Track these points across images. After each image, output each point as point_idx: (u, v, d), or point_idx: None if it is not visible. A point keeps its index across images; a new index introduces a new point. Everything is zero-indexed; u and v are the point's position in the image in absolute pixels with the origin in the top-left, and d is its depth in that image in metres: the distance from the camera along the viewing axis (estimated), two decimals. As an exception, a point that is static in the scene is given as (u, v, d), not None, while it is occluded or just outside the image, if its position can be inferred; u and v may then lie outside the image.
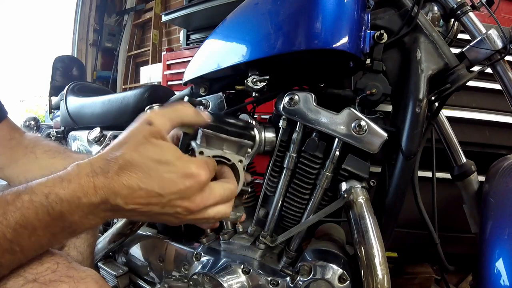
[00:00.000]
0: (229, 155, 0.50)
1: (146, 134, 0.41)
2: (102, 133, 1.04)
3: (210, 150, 0.49)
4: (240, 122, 0.51)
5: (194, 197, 0.41)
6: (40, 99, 5.74)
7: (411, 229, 1.12)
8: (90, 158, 0.40)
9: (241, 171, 0.52)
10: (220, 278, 0.68)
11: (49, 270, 0.40)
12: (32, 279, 0.38)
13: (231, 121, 0.49)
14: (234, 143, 0.51)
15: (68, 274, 0.40)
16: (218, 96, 0.74)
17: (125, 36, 4.27)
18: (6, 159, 0.66)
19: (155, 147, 0.40)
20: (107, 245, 0.87)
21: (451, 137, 0.80)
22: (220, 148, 0.50)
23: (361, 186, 0.63)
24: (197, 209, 0.42)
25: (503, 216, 0.63)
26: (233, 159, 0.51)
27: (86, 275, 0.42)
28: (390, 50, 0.66)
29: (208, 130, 0.48)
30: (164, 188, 0.39)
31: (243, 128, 0.50)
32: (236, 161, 0.51)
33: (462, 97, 1.21)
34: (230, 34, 0.71)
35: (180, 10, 2.43)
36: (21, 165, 0.66)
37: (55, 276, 0.39)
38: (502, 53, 0.63)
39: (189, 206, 0.42)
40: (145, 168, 0.39)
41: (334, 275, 0.62)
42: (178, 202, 0.41)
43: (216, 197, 0.44)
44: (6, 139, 0.67)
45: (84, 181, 0.38)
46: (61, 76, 1.54)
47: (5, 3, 4.98)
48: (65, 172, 0.39)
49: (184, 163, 0.41)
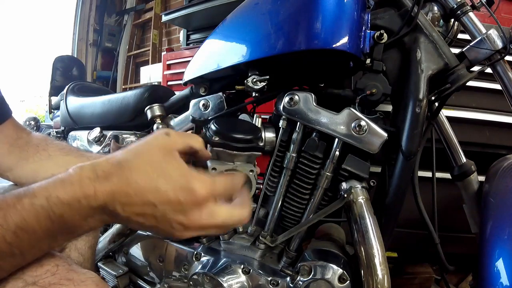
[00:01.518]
0: (240, 167, 0.53)
1: (161, 143, 0.41)
2: (102, 133, 1.03)
3: (222, 165, 0.50)
4: (248, 135, 0.52)
5: (190, 214, 0.39)
6: (40, 99, 5.74)
7: (411, 229, 1.12)
8: (94, 161, 0.39)
9: (253, 180, 0.54)
10: (220, 278, 0.68)
11: (49, 273, 0.39)
12: (31, 282, 0.38)
13: (239, 136, 0.50)
14: (243, 156, 0.53)
15: (68, 276, 0.40)
16: (218, 96, 0.74)
17: (125, 36, 4.27)
18: (15, 158, 0.65)
19: (164, 159, 0.40)
20: (107, 245, 0.87)
21: (451, 137, 0.80)
22: (231, 161, 0.51)
23: (361, 186, 0.63)
24: (193, 227, 0.40)
25: (503, 216, 0.63)
26: (244, 171, 0.53)
27: (86, 277, 0.41)
28: (390, 50, 0.66)
29: (218, 148, 0.50)
30: (157, 198, 0.38)
31: (251, 141, 0.52)
32: (248, 171, 0.54)
33: (462, 97, 1.21)
34: (230, 34, 0.71)
35: (180, 10, 2.43)
36: (31, 163, 0.65)
37: (55, 279, 0.39)
38: (502, 53, 0.63)
39: (184, 222, 0.40)
40: (146, 177, 0.38)
41: (334, 275, 0.62)
42: (172, 215, 0.39)
43: (217, 221, 0.41)
44: (13, 138, 0.66)
45: (85, 184, 0.37)
46: (61, 76, 1.54)
47: (5, 3, 4.98)
48: (67, 174, 0.38)
49: (185, 178, 0.39)
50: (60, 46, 4.66)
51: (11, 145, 0.65)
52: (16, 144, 0.66)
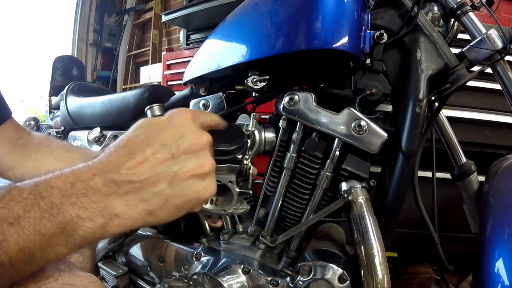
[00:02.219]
0: (219, 178, 0.55)
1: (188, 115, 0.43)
2: (102, 133, 1.04)
3: None
4: (230, 146, 0.53)
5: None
6: (40, 99, 5.74)
7: (411, 229, 1.12)
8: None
9: (233, 190, 0.57)
10: (220, 278, 0.68)
11: (51, 279, 0.39)
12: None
13: (219, 148, 0.51)
14: (223, 168, 0.55)
15: (71, 282, 0.40)
16: (218, 96, 0.74)
17: (125, 36, 4.27)
18: (16, 157, 0.65)
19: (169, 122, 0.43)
20: (107, 245, 0.87)
21: (451, 137, 0.80)
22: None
23: (361, 186, 0.63)
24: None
25: (503, 216, 0.63)
26: (224, 181, 0.56)
27: (89, 282, 0.41)
28: (390, 50, 0.65)
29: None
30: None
31: (231, 152, 0.53)
32: (227, 182, 0.56)
33: (462, 97, 1.21)
34: (230, 34, 0.71)
35: (180, 10, 2.43)
36: (33, 160, 0.66)
37: (58, 284, 0.39)
38: (502, 53, 0.63)
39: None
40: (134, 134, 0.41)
41: (334, 275, 0.62)
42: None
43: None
44: (14, 138, 0.67)
45: (79, 167, 0.37)
46: (61, 76, 1.54)
47: (5, 3, 4.98)
48: (59, 171, 0.38)
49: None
50: (60, 46, 4.67)
51: (13, 145, 0.66)
52: (17, 144, 0.66)
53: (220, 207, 0.59)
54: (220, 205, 0.59)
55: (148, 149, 0.39)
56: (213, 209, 0.59)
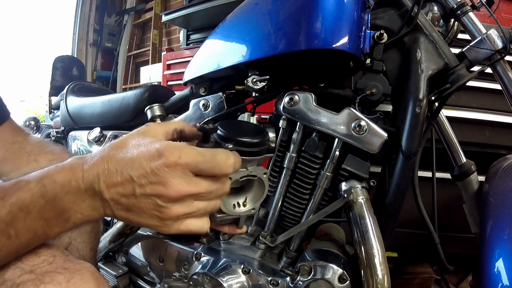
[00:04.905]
0: (254, 172, 0.52)
1: (140, 130, 0.45)
2: (102, 133, 1.04)
3: (236, 174, 0.49)
4: (256, 138, 0.51)
5: (170, 182, 0.39)
6: (40, 99, 5.73)
7: (411, 229, 1.12)
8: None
9: (266, 182, 0.54)
10: (220, 278, 0.68)
11: (46, 262, 0.41)
12: (29, 270, 0.39)
13: (247, 140, 0.49)
14: (257, 160, 0.52)
15: (64, 266, 0.41)
16: (218, 96, 0.74)
17: (125, 36, 4.27)
18: (9, 166, 0.65)
19: (142, 139, 0.43)
20: (107, 245, 0.87)
21: (451, 137, 0.80)
22: (244, 167, 0.50)
23: (361, 186, 0.63)
24: (177, 196, 0.40)
25: (503, 216, 0.63)
26: (259, 174, 0.52)
27: (82, 267, 0.42)
28: (390, 50, 0.66)
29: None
30: (134, 171, 0.39)
31: (261, 144, 0.51)
32: (261, 175, 0.53)
33: (462, 97, 1.21)
34: (230, 34, 0.71)
35: (180, 10, 2.43)
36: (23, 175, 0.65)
37: (51, 267, 0.41)
38: (502, 53, 0.63)
39: (165, 192, 0.39)
40: (124, 154, 0.41)
41: (334, 275, 0.62)
42: (149, 188, 0.39)
43: (201, 188, 0.41)
44: (9, 142, 0.66)
45: (75, 168, 0.40)
46: (61, 76, 1.53)
47: (5, 3, 4.98)
48: (62, 163, 0.42)
49: (155, 145, 0.40)
50: (60, 46, 4.66)
51: (6, 150, 0.65)
52: (10, 149, 0.66)
53: (249, 206, 0.55)
54: (248, 205, 0.55)
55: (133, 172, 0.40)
56: (243, 211, 0.54)
